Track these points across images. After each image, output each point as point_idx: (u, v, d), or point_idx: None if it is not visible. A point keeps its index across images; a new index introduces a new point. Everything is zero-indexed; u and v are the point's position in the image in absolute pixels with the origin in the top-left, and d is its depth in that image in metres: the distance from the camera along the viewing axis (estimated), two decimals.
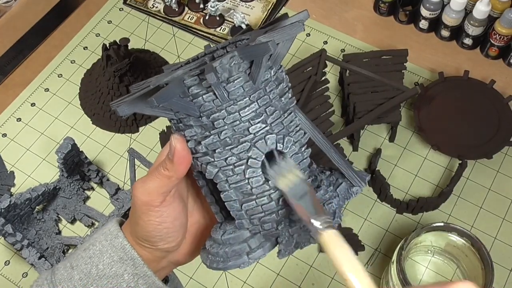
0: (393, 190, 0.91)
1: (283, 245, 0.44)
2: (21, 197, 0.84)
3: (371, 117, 0.90)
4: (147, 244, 0.47)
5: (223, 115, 0.39)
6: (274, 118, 0.41)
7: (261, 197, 0.42)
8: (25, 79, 1.07)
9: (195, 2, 1.13)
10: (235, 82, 0.39)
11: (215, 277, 0.86)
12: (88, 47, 1.11)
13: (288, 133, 0.42)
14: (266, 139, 0.41)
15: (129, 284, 0.47)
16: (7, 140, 1.00)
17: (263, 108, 0.40)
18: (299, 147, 0.43)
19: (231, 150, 0.41)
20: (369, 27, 1.10)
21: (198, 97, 0.39)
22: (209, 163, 0.42)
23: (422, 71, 1.04)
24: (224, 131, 0.40)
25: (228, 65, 0.38)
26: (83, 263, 0.48)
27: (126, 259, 0.47)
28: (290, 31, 0.39)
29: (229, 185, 0.42)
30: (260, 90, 0.40)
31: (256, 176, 0.41)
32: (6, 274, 0.88)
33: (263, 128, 0.40)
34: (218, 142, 0.40)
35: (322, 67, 0.94)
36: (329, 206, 0.44)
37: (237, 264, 0.43)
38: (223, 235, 0.44)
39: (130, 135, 1.00)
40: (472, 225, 0.88)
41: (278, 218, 0.43)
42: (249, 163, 0.41)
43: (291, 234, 0.43)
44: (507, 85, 1.01)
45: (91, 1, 1.17)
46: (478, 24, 1.00)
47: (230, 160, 0.41)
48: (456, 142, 0.92)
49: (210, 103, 0.39)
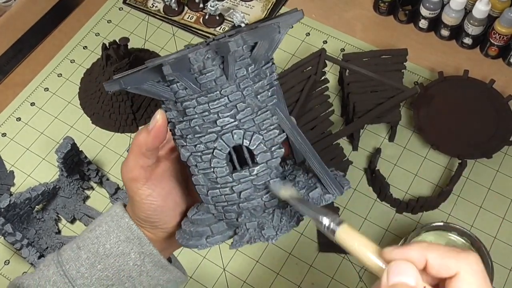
0: (392, 190, 0.91)
1: (238, 236, 0.46)
2: (20, 197, 0.84)
3: (370, 116, 0.90)
4: (147, 225, 0.49)
5: (193, 104, 0.41)
6: (245, 115, 0.42)
7: (224, 187, 0.44)
8: (24, 79, 1.07)
9: (195, 2, 1.13)
10: (207, 75, 0.40)
11: (214, 277, 0.86)
12: (87, 46, 1.11)
13: (259, 131, 0.43)
14: (233, 134, 0.42)
15: (135, 262, 0.49)
16: (7, 139, 1.00)
17: (234, 103, 0.41)
18: (270, 146, 0.43)
19: (200, 138, 0.42)
20: (369, 27, 1.10)
21: (173, 84, 0.41)
22: (183, 147, 0.44)
23: (421, 70, 1.04)
24: (194, 120, 0.42)
25: (203, 58, 0.40)
26: (90, 243, 0.49)
27: (133, 238, 0.49)
28: (289, 18, 0.41)
29: (198, 170, 0.44)
30: (233, 85, 0.41)
31: (220, 167, 0.43)
32: (6, 273, 0.88)
33: (231, 123, 0.42)
34: (189, 128, 0.42)
35: (321, 66, 0.94)
36: (292, 208, 0.45)
37: (195, 244, 0.46)
38: (194, 215, 0.47)
39: (130, 134, 1.00)
40: (471, 225, 0.88)
41: (239, 210, 0.44)
42: (214, 153, 0.43)
43: (247, 228, 0.45)
44: (507, 85, 1.01)
45: (91, 1, 1.17)
46: (478, 23, 1.00)
47: (198, 147, 0.43)
48: (455, 142, 0.92)
49: (183, 91, 0.41)
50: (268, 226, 0.44)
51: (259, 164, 0.43)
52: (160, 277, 0.50)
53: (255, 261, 0.87)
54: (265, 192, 0.44)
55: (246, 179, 0.43)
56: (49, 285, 0.48)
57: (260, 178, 0.43)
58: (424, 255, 0.35)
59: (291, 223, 0.45)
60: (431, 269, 0.35)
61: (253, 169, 0.43)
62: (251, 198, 0.44)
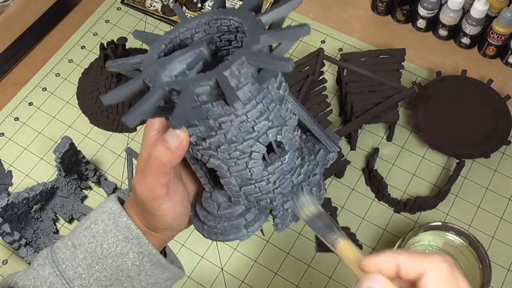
0: (390, 189, 0.91)
1: (279, 219, 0.46)
2: (18, 196, 0.84)
3: (368, 116, 0.90)
4: (166, 231, 0.49)
5: (231, 118, 0.40)
6: (275, 113, 0.42)
7: (260, 181, 0.44)
8: (22, 78, 1.07)
9: (193, 2, 1.13)
10: (244, 88, 0.39)
11: (213, 276, 0.86)
12: (85, 46, 1.11)
13: (285, 123, 0.43)
14: (268, 134, 0.42)
15: (134, 262, 0.48)
16: (5, 139, 1.00)
17: (267, 106, 0.41)
18: (293, 132, 0.44)
19: (236, 146, 0.41)
20: (367, 26, 1.10)
21: (207, 103, 0.38)
22: (211, 156, 0.42)
23: (419, 70, 1.04)
24: (230, 132, 0.40)
25: (238, 72, 0.38)
26: (87, 242, 0.48)
27: (131, 238, 0.48)
28: (296, 33, 0.38)
29: (230, 173, 0.43)
30: (264, 90, 0.40)
31: (257, 166, 0.43)
32: (4, 273, 0.88)
33: (266, 125, 0.41)
34: (224, 140, 0.41)
35: (319, 66, 0.94)
36: (314, 177, 0.47)
37: (237, 237, 0.46)
38: (219, 210, 0.46)
39: (128, 134, 1.00)
40: (469, 225, 0.88)
41: (273, 196, 0.45)
42: (252, 156, 0.42)
43: (285, 208, 0.46)
44: (505, 84, 1.01)
45: (89, 0, 1.17)
46: (476, 23, 1.01)
47: (234, 154, 0.42)
48: (453, 141, 0.92)
49: (219, 108, 0.39)
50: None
51: (288, 152, 0.44)
52: (158, 276, 0.50)
53: (253, 261, 0.87)
54: (292, 173, 0.45)
55: (279, 168, 0.44)
56: (45, 286, 0.47)
57: (288, 163, 0.44)
58: (394, 257, 0.38)
59: (321, 191, 0.47)
60: (402, 271, 0.38)
61: (284, 158, 0.44)
62: (282, 182, 0.45)
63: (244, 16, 0.41)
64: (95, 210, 0.50)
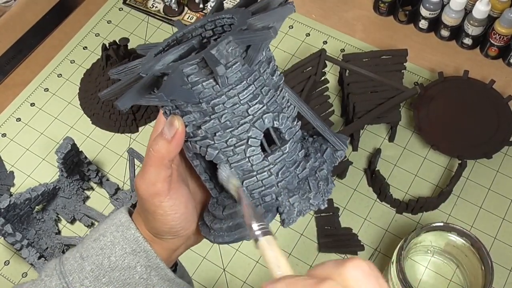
0: (392, 190, 0.91)
1: (285, 214, 0.45)
2: (20, 197, 0.84)
3: (370, 117, 0.90)
4: (169, 236, 0.47)
5: (223, 100, 0.40)
6: (269, 97, 0.42)
7: (261, 172, 0.44)
8: (24, 79, 1.07)
9: (195, 2, 1.13)
10: (233, 67, 0.39)
11: (215, 277, 0.86)
12: (87, 47, 1.11)
13: (282, 110, 0.43)
14: (264, 119, 0.42)
15: (141, 276, 0.47)
16: (7, 140, 1.00)
17: (259, 89, 0.41)
18: (292, 121, 0.44)
19: (232, 132, 0.41)
20: (369, 27, 1.10)
21: (198, 84, 0.39)
22: (209, 146, 0.43)
23: (421, 71, 1.04)
24: (224, 115, 0.41)
25: (225, 51, 0.38)
26: (94, 254, 0.47)
27: (139, 251, 0.47)
28: (282, 12, 0.40)
29: (230, 165, 0.43)
30: (255, 72, 0.41)
31: (256, 154, 0.43)
32: (6, 274, 0.88)
33: (260, 109, 0.41)
34: (219, 125, 0.41)
35: (321, 67, 0.94)
36: (321, 172, 0.46)
37: (243, 236, 0.45)
38: (224, 211, 0.46)
39: (130, 135, 1.00)
40: (471, 225, 0.88)
41: (277, 190, 0.45)
42: (249, 142, 0.42)
43: (291, 203, 0.45)
44: (507, 85, 1.01)
45: (91, 1, 1.17)
46: (478, 24, 1.00)
47: (230, 142, 0.42)
48: (455, 142, 0.92)
49: (210, 89, 0.40)
50: (313, 195, 0.45)
51: (288, 141, 0.44)
52: None
53: (255, 262, 0.87)
54: (296, 166, 0.45)
55: (280, 158, 0.44)
56: None
57: (290, 153, 0.44)
58: None
59: (328, 185, 0.46)
60: None
61: (285, 147, 0.44)
62: (286, 175, 0.45)
63: (235, 11, 0.43)
64: (104, 221, 0.50)
